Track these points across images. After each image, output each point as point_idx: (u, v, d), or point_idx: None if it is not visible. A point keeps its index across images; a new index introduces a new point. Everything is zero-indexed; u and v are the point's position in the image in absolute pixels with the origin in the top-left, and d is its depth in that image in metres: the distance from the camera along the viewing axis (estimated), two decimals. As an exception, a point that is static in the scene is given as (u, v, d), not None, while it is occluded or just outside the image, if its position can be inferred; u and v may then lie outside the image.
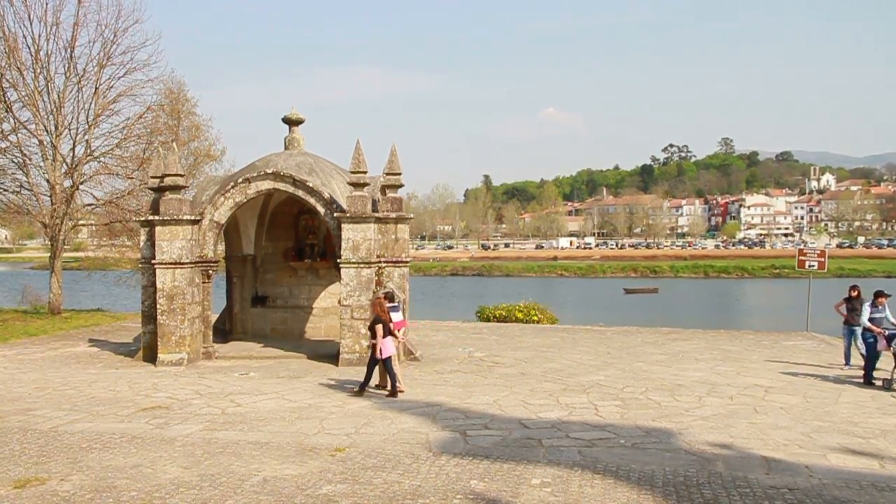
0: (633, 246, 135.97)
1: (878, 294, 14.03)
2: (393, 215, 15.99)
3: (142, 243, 16.91)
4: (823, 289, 33.60)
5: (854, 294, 15.16)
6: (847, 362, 15.18)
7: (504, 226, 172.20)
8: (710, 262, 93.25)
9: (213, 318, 17.75)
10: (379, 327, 12.35)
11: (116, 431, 10.03)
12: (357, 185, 15.71)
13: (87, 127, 25.79)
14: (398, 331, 13.04)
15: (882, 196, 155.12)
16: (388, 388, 12.47)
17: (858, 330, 14.90)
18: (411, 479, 7.89)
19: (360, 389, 12.48)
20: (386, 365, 12.50)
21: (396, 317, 13.09)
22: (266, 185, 16.20)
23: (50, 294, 26.56)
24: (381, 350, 12.32)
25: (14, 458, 8.72)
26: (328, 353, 16.40)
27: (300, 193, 16.09)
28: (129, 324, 23.51)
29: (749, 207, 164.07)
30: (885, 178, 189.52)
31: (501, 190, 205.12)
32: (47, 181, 25.56)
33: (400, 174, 16.20)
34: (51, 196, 25.52)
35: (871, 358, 13.70)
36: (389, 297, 13.62)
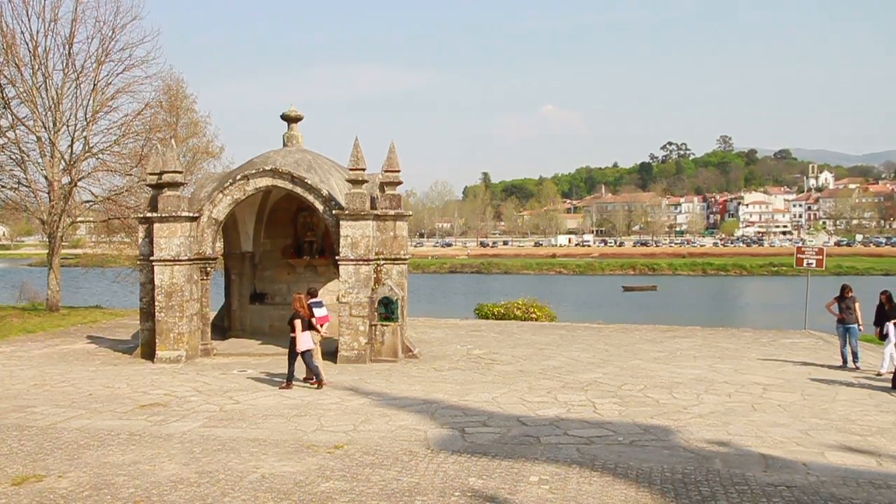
0: (641, 243, 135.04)
1: None
2: (391, 213, 15.99)
3: (140, 240, 16.89)
4: (821, 287, 33.56)
5: (848, 294, 15.14)
6: (844, 361, 15.19)
7: (503, 223, 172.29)
8: (709, 260, 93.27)
9: (212, 315, 17.73)
10: (297, 322, 12.72)
11: (114, 428, 10.03)
12: (356, 183, 15.70)
13: (85, 123, 25.76)
14: (321, 326, 13.50)
15: (880, 194, 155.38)
16: (314, 380, 12.98)
17: (854, 328, 14.91)
18: (409, 477, 7.89)
19: (288, 382, 12.89)
20: (304, 359, 12.85)
21: (320, 312, 13.53)
22: (264, 182, 16.17)
23: (48, 291, 26.51)
24: (298, 343, 12.76)
25: (12, 455, 8.72)
26: (327, 351, 16.35)
27: (298, 190, 16.07)
28: (128, 321, 23.49)
29: (747, 205, 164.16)
30: (882, 176, 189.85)
31: (500, 187, 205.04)
32: (45, 178, 25.51)
33: (399, 171, 16.19)
34: (49, 193, 25.47)
35: None
36: (312, 293, 14.03)
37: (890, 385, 12.98)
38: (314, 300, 13.69)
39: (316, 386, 12.86)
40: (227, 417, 10.71)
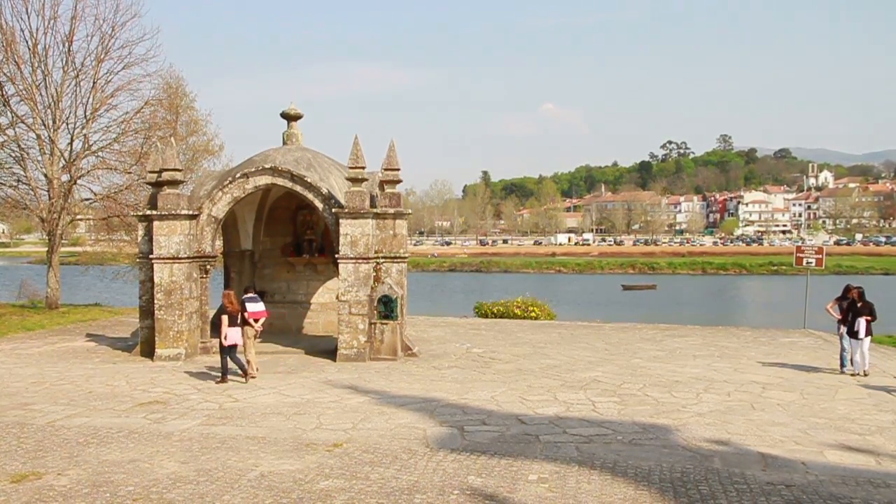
0: (643, 242, 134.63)
1: None
2: (391, 211, 15.99)
3: (140, 238, 16.90)
4: (821, 286, 33.62)
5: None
6: (842, 360, 15.14)
7: (502, 222, 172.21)
8: (708, 259, 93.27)
9: (211, 313, 17.72)
10: (223, 317, 13.06)
11: (114, 426, 10.03)
12: (355, 181, 15.69)
13: (85, 121, 25.74)
14: (256, 321, 13.77)
15: (880, 193, 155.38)
16: (221, 375, 13.28)
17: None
18: (409, 475, 7.89)
19: (223, 377, 13.21)
20: (230, 353, 13.19)
21: (257, 307, 13.85)
22: (264, 180, 16.17)
23: (47, 289, 26.51)
24: (224, 338, 13.08)
25: (11, 453, 8.72)
26: (326, 349, 16.41)
27: (298, 188, 16.07)
28: (127, 319, 23.49)
29: (747, 204, 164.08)
30: (882, 175, 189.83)
31: (500, 186, 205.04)
32: (45, 176, 25.50)
33: (398, 170, 16.18)
34: (48, 191, 25.46)
35: None
36: (247, 289, 14.40)
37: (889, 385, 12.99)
38: (248, 296, 14.00)
39: (219, 380, 13.13)
40: (226, 415, 10.71)
